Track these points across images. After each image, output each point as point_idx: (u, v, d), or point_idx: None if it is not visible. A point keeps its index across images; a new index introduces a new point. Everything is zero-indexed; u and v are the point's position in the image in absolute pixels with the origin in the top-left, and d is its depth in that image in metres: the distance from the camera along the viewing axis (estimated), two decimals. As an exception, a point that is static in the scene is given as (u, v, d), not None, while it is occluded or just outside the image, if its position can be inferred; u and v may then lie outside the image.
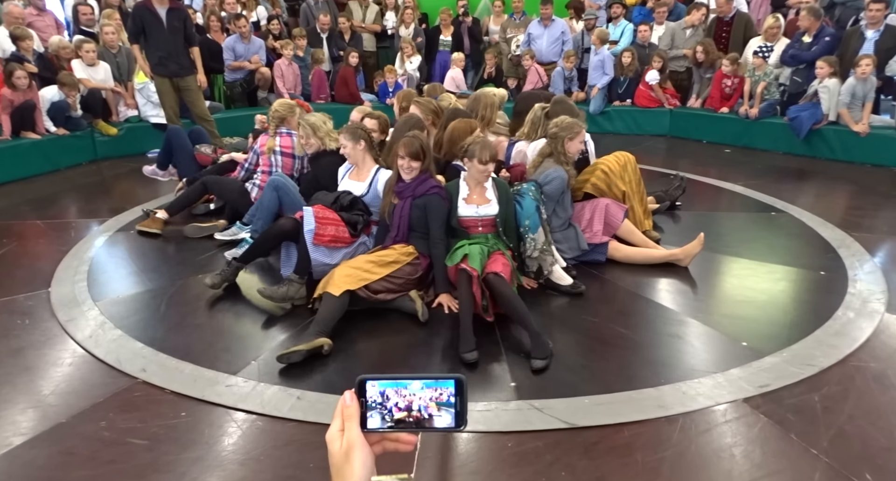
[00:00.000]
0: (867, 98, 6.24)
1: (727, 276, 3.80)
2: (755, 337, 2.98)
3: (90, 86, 6.62)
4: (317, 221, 3.31)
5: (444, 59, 8.92)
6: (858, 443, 2.24)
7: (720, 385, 2.59)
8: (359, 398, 0.74)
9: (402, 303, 3.20)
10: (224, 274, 3.43)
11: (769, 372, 2.67)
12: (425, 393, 0.74)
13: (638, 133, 7.87)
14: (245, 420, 2.41)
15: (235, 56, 7.88)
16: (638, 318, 3.24)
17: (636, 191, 4.13)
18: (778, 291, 3.56)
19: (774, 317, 3.24)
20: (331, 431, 0.73)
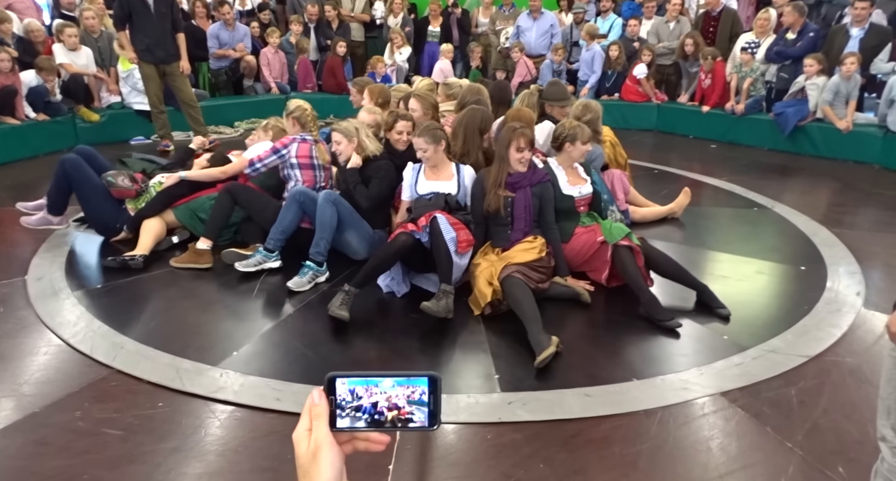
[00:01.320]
0: (851, 96, 6.29)
1: (707, 271, 3.81)
2: (734, 331, 3.01)
3: (72, 71, 6.51)
4: (454, 228, 3.13)
5: (432, 50, 8.87)
6: (833, 437, 2.27)
7: (698, 379, 2.61)
8: (328, 396, 0.71)
9: (558, 289, 3.27)
10: (348, 302, 3.02)
11: (747, 366, 2.70)
12: (397, 390, 0.71)
13: (625, 127, 7.87)
14: (223, 411, 2.39)
15: (220, 44, 7.79)
16: (617, 312, 3.24)
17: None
18: (758, 286, 3.58)
19: (753, 311, 3.26)
20: (298, 431, 0.70)
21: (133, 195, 3.91)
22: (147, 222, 3.79)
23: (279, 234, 3.55)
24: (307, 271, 3.40)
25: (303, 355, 2.78)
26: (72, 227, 4.20)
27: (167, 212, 3.88)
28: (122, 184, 3.86)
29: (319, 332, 2.98)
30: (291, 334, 2.98)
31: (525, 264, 3.08)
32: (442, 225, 3.07)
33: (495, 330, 2.99)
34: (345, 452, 0.71)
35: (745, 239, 4.26)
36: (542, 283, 3.18)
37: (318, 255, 3.43)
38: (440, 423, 0.72)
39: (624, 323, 3.12)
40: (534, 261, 3.13)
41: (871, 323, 3.09)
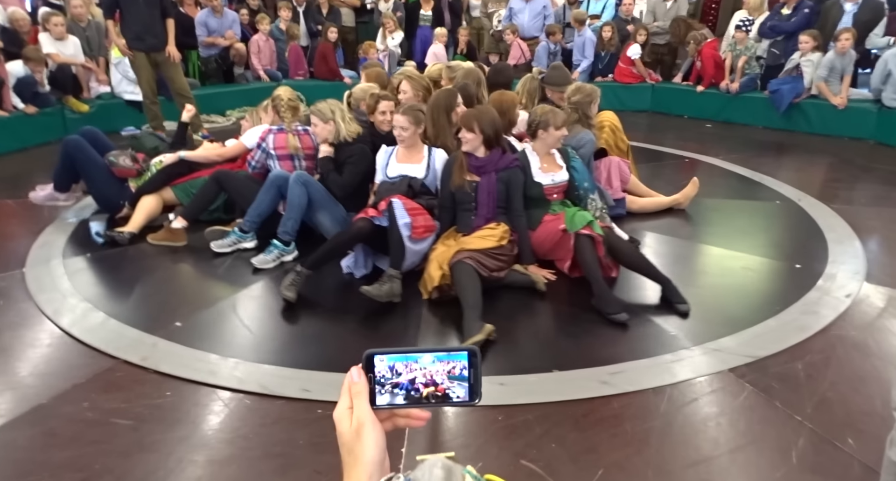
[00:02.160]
0: (846, 71, 6.29)
1: (712, 247, 3.81)
2: (739, 306, 3.02)
3: (59, 61, 6.39)
4: (409, 214, 3.10)
5: (424, 35, 8.78)
6: (841, 409, 2.28)
7: (706, 355, 2.61)
8: (366, 373, 0.70)
9: (514, 277, 3.20)
10: (297, 284, 3.05)
11: (754, 341, 2.71)
12: (437, 366, 0.70)
13: (620, 108, 7.80)
14: (232, 398, 2.38)
15: (209, 31, 7.67)
16: (621, 292, 3.24)
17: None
18: (757, 264, 3.59)
19: (757, 287, 3.28)
20: (339, 409, 0.69)
21: (134, 174, 4.01)
22: (143, 200, 3.87)
23: (255, 217, 3.59)
24: (272, 250, 3.45)
25: (311, 341, 2.77)
26: (79, 201, 4.28)
27: (166, 190, 3.96)
28: (124, 163, 3.98)
29: (330, 320, 2.97)
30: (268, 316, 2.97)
31: (481, 251, 3.03)
32: (397, 210, 3.04)
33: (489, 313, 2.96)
34: (385, 429, 0.70)
35: (744, 217, 4.27)
36: (499, 271, 3.10)
37: (284, 234, 3.48)
38: (481, 397, 0.71)
39: (629, 301, 3.12)
40: (491, 249, 3.07)
41: (874, 297, 3.10)
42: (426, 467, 0.57)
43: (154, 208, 3.90)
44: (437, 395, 0.71)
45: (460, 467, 0.57)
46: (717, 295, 3.19)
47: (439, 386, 0.71)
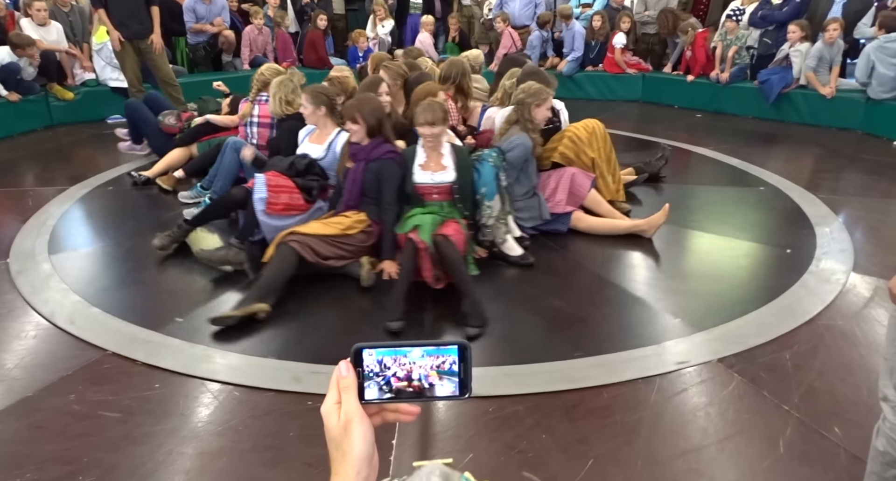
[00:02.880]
0: (834, 62, 6.30)
1: (698, 239, 3.83)
2: (728, 297, 3.03)
3: (43, 47, 6.27)
4: (269, 189, 3.20)
5: (414, 23, 8.71)
6: (828, 398, 2.31)
7: (696, 346, 2.63)
8: (355, 368, 0.69)
9: (351, 268, 3.14)
10: (173, 235, 3.36)
11: (742, 331, 2.72)
12: (426, 361, 0.69)
13: (611, 98, 7.85)
14: (221, 390, 2.36)
15: (197, 18, 7.55)
16: (600, 286, 3.25)
17: (606, 160, 3.93)
18: (747, 255, 3.61)
19: (745, 277, 3.30)
20: (326, 404, 0.69)
21: (177, 131, 4.87)
22: (172, 152, 4.66)
23: (214, 177, 3.99)
24: (194, 189, 4.21)
25: (301, 333, 2.75)
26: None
27: (194, 145, 4.71)
28: (168, 122, 4.91)
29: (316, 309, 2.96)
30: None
31: (318, 236, 3.01)
32: (256, 184, 3.23)
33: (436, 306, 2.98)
34: (374, 424, 0.70)
35: (732, 208, 4.29)
36: (336, 260, 3.07)
37: (206, 183, 4.11)
38: (471, 391, 0.71)
39: (618, 293, 3.13)
40: (332, 236, 3.04)
41: (861, 286, 3.13)
42: (423, 474, 0.56)
43: (177, 160, 4.60)
44: (426, 390, 0.70)
45: (458, 474, 0.56)
46: (705, 285, 3.21)
47: (429, 381, 0.70)
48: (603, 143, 3.95)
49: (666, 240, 3.71)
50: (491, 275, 3.30)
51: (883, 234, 3.81)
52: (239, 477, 1.95)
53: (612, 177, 3.99)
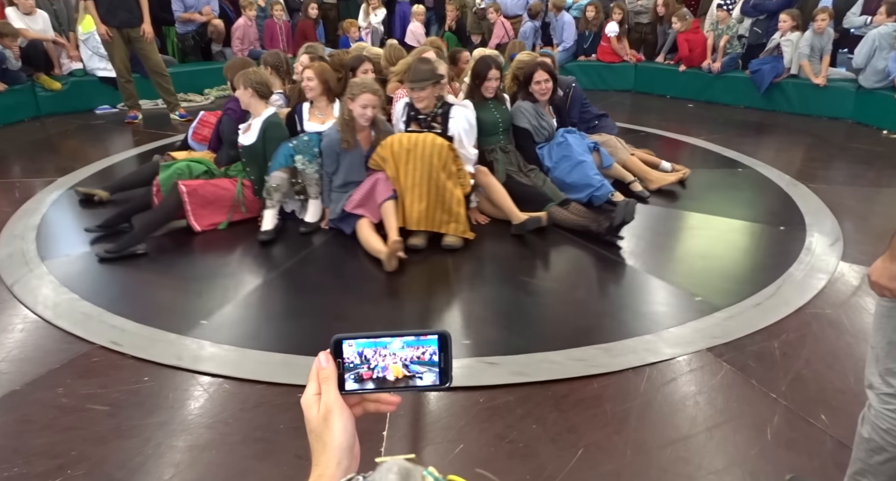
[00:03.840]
0: (825, 51, 6.31)
1: (686, 231, 3.84)
2: (716, 288, 3.04)
3: (29, 36, 6.20)
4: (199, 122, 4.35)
5: (403, 11, 8.66)
6: (815, 386, 2.32)
7: (685, 335, 2.64)
8: (335, 359, 0.69)
9: None
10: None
11: (731, 321, 2.74)
12: (407, 352, 0.69)
13: (604, 88, 7.83)
14: (211, 383, 2.36)
15: (185, 7, 7.47)
16: (593, 274, 3.26)
17: (419, 185, 3.39)
18: (737, 244, 3.62)
19: (735, 268, 3.31)
20: (306, 396, 0.69)
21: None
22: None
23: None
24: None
25: (290, 324, 2.75)
26: None
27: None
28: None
29: (302, 301, 2.95)
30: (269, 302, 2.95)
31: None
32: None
33: (463, 300, 2.98)
34: (355, 414, 0.70)
35: (723, 197, 4.29)
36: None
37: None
38: (451, 381, 0.70)
39: (609, 283, 3.14)
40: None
41: (849, 275, 3.15)
42: (383, 470, 0.56)
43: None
44: (407, 380, 0.70)
45: (420, 469, 0.56)
46: (695, 276, 3.22)
47: (410, 371, 0.70)
48: (424, 165, 3.37)
49: (654, 230, 3.72)
50: (486, 264, 3.31)
51: (871, 223, 3.83)
52: (229, 469, 1.95)
53: (425, 207, 3.40)
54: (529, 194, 3.74)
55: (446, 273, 3.24)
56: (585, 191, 3.83)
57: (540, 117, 4.07)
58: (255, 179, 3.72)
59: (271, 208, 3.64)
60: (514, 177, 3.82)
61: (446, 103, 3.68)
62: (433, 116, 3.63)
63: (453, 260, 3.35)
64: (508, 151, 3.97)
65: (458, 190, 3.45)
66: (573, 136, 4.03)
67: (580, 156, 3.89)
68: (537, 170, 3.96)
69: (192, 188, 3.55)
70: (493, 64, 3.90)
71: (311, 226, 3.68)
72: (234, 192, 3.69)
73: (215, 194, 3.64)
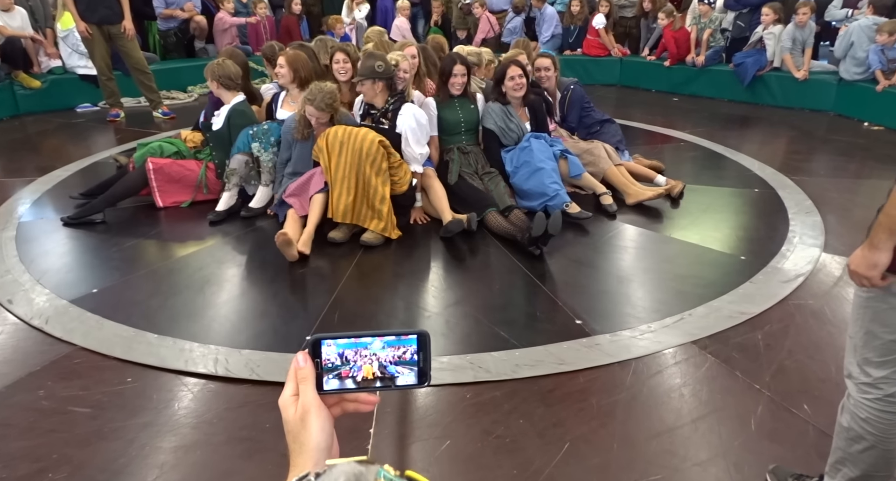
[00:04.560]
0: (807, 44, 6.36)
1: (670, 222, 3.85)
2: (701, 279, 3.06)
3: (7, 34, 6.09)
4: None
5: (384, 6, 8.62)
6: (797, 377, 2.35)
7: (670, 328, 2.65)
8: (313, 359, 0.69)
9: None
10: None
11: (716, 313, 2.76)
12: (387, 352, 0.69)
13: (589, 83, 7.83)
14: (196, 383, 2.34)
15: (167, 3, 7.38)
16: (581, 272, 3.27)
17: (349, 177, 3.37)
18: (721, 236, 3.65)
19: (719, 259, 3.33)
20: (283, 396, 0.68)
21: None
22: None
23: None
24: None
25: (273, 322, 2.73)
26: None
27: None
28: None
29: (285, 296, 2.93)
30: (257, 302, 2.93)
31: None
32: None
33: (448, 297, 2.98)
34: (333, 414, 0.70)
35: (706, 192, 4.31)
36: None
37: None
38: (430, 380, 0.71)
39: (592, 277, 3.14)
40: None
41: (831, 266, 3.18)
42: (333, 474, 0.55)
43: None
44: (385, 379, 0.70)
45: (375, 467, 0.55)
46: (679, 268, 3.23)
47: (389, 371, 0.69)
48: (353, 158, 3.36)
49: (638, 223, 3.73)
50: (470, 263, 3.31)
51: (853, 215, 3.87)
52: (214, 469, 1.94)
53: (352, 200, 3.40)
54: (474, 198, 3.68)
55: (352, 268, 3.23)
56: (539, 199, 3.69)
57: (508, 119, 3.96)
58: (219, 163, 3.92)
59: (228, 190, 3.81)
60: (465, 180, 3.78)
61: (402, 99, 3.64)
62: (384, 112, 3.62)
63: (366, 256, 3.37)
64: (468, 152, 3.91)
65: (384, 187, 3.43)
66: (538, 142, 3.87)
67: (540, 163, 3.74)
68: (495, 173, 3.86)
69: (158, 166, 3.82)
70: (459, 60, 3.85)
71: (252, 211, 3.82)
72: (199, 173, 3.92)
73: (180, 174, 3.89)
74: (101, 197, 3.74)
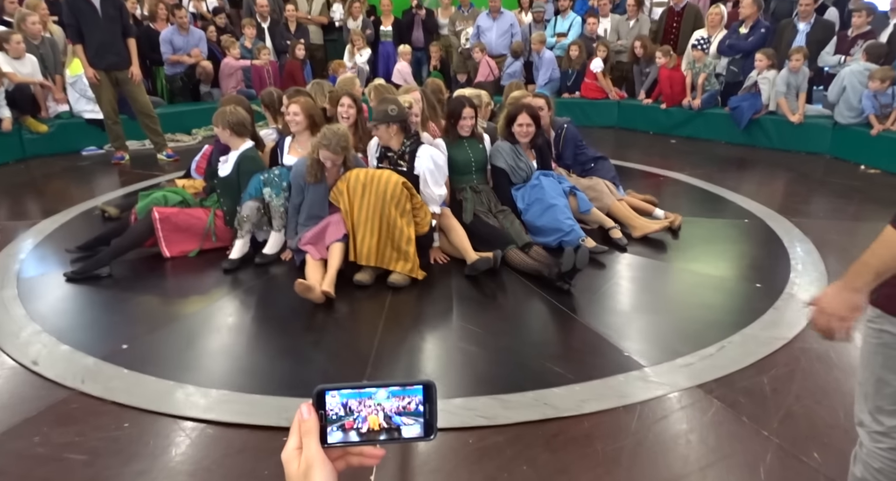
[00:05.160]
0: (801, 88, 6.49)
1: (672, 264, 3.86)
2: (706, 322, 3.04)
3: (17, 80, 6.22)
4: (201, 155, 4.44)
5: (386, 50, 8.83)
6: (806, 423, 2.31)
7: (675, 372, 2.62)
8: (317, 410, 0.67)
9: None
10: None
11: (720, 356, 2.73)
12: (392, 402, 0.68)
13: (588, 125, 7.96)
14: (194, 428, 2.30)
15: (174, 49, 7.57)
16: (584, 314, 3.26)
17: (370, 219, 3.42)
18: (722, 278, 3.64)
19: (722, 302, 3.31)
20: (287, 450, 0.66)
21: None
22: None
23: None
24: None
25: (273, 367, 2.70)
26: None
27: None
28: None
29: (286, 342, 2.91)
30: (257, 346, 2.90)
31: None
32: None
33: (444, 337, 2.96)
34: (337, 468, 0.68)
35: (708, 231, 4.33)
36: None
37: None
38: (436, 432, 0.69)
39: (595, 320, 3.13)
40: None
41: (835, 309, 3.16)
42: None
43: None
44: (390, 430, 0.68)
45: None
46: (682, 311, 3.22)
47: (394, 423, 0.68)
48: (377, 200, 3.40)
49: (640, 266, 3.73)
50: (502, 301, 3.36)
51: (854, 256, 3.79)
52: (210, 519, 1.89)
53: (376, 242, 3.43)
54: (492, 236, 3.73)
55: (386, 310, 3.22)
56: (555, 235, 3.79)
57: (518, 158, 4.06)
58: (228, 210, 3.85)
59: (241, 238, 3.74)
60: (480, 218, 3.83)
61: (417, 141, 3.72)
62: (401, 154, 3.67)
63: (396, 298, 3.36)
64: (480, 191, 3.98)
65: (409, 228, 3.46)
66: (548, 179, 3.99)
67: (552, 200, 3.84)
68: (508, 211, 3.93)
69: (164, 215, 3.70)
70: (468, 103, 3.96)
71: (267, 258, 3.77)
72: (206, 221, 3.84)
73: (187, 223, 3.80)
74: (107, 250, 3.60)
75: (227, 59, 7.78)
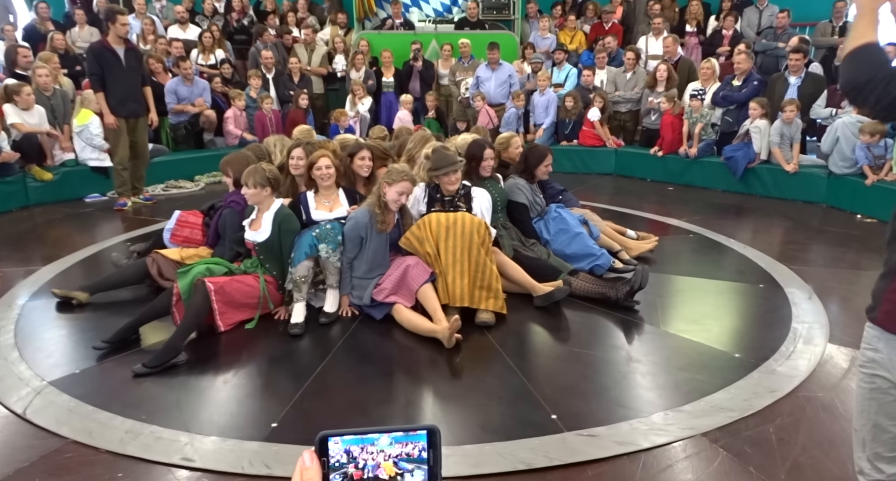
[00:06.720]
0: (794, 139, 6.62)
1: (673, 314, 3.85)
2: (708, 369, 3.02)
3: (24, 130, 6.34)
4: (177, 222, 4.16)
5: (388, 100, 9.05)
6: (813, 474, 2.26)
7: (679, 419, 2.58)
8: (320, 458, 0.66)
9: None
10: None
11: (725, 405, 2.69)
12: (395, 448, 0.67)
13: (585, 172, 8.09)
14: (189, 477, 2.25)
15: (178, 99, 7.77)
16: (585, 362, 3.23)
17: (460, 261, 3.50)
18: (725, 328, 3.63)
19: (724, 350, 3.29)
20: None
21: None
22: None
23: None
24: None
25: (271, 413, 2.66)
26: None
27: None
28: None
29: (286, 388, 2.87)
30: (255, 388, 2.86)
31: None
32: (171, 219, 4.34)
33: (445, 384, 2.92)
34: None
35: (707, 279, 4.34)
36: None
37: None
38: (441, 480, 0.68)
39: (596, 367, 3.10)
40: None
41: (838, 357, 3.15)
42: None
43: None
44: (397, 478, 0.67)
45: None
46: (685, 359, 3.19)
47: (398, 469, 0.67)
48: (464, 242, 3.51)
49: (642, 312, 3.72)
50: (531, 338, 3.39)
51: (855, 305, 3.86)
52: None
53: (467, 283, 3.49)
54: (539, 267, 3.90)
55: (495, 349, 3.26)
56: (586, 260, 4.08)
57: (535, 194, 4.40)
58: (278, 274, 3.62)
59: (299, 301, 3.53)
60: (520, 252, 4.00)
61: (465, 185, 3.87)
62: (458, 197, 3.78)
63: (493, 336, 3.40)
64: (508, 227, 4.19)
65: (493, 265, 3.57)
66: (565, 211, 4.38)
67: (576, 229, 4.20)
68: (537, 243, 4.18)
69: (218, 286, 3.34)
70: (488, 145, 4.20)
71: (331, 316, 3.58)
72: (259, 289, 3.54)
73: (241, 291, 3.47)
74: (173, 335, 3.16)
75: (231, 110, 7.98)
